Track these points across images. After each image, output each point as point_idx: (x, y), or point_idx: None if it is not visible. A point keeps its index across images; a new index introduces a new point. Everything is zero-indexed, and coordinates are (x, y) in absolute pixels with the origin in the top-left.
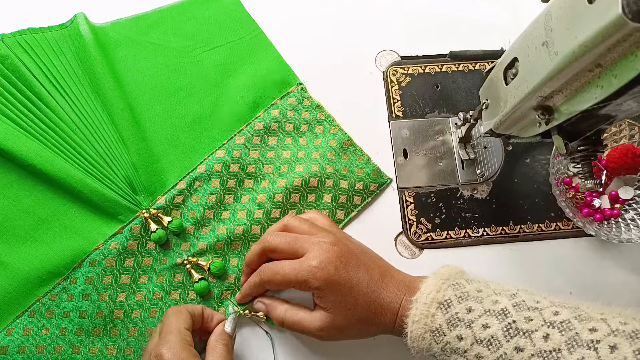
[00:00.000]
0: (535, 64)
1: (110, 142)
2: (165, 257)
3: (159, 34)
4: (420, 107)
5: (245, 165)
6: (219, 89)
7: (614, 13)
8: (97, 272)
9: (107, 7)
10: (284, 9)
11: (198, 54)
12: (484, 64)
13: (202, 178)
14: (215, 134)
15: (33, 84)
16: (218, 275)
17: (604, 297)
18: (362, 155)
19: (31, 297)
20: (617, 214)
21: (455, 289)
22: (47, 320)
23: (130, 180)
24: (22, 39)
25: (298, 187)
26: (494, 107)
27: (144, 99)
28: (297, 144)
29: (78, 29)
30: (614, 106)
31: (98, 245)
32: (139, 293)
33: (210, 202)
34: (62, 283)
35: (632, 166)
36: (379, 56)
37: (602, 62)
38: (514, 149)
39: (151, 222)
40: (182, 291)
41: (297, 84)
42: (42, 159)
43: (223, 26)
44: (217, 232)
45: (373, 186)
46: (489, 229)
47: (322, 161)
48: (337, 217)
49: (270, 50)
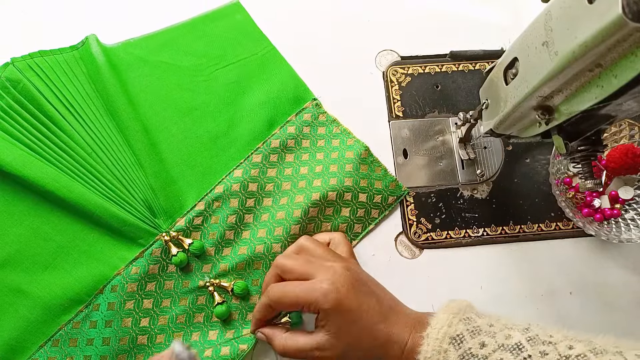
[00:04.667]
0: (535, 64)
1: (127, 165)
2: (187, 279)
3: (171, 52)
4: (420, 107)
5: (264, 184)
6: (233, 107)
7: (614, 13)
8: (119, 297)
9: (117, 28)
10: (283, 9)
11: (211, 72)
12: (484, 64)
13: (220, 198)
14: (232, 152)
15: (46, 107)
16: (242, 296)
17: (604, 297)
18: (380, 167)
19: (54, 325)
20: (617, 214)
21: (467, 324)
22: (71, 349)
23: (149, 203)
24: (33, 62)
25: (316, 202)
26: (494, 107)
27: (158, 120)
28: (314, 159)
29: (90, 50)
30: (614, 106)
31: (119, 271)
32: (162, 317)
33: (230, 223)
34: (85, 310)
35: (632, 166)
36: (379, 56)
37: (602, 62)
38: (514, 149)
39: (172, 245)
40: (206, 314)
41: (312, 100)
42: (59, 184)
43: (235, 43)
44: (238, 252)
45: (391, 199)
46: (489, 229)
47: (340, 174)
48: (354, 231)
49: (283, 66)
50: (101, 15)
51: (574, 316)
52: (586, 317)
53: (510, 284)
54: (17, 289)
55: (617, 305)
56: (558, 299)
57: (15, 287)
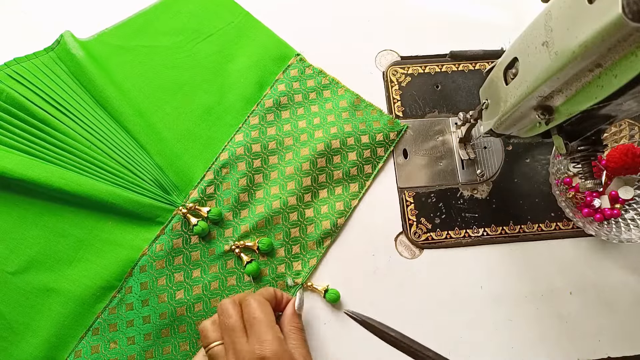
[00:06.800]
0: (535, 64)
1: (129, 149)
2: (211, 247)
3: (148, 36)
4: (420, 107)
5: (266, 143)
6: (220, 76)
7: (614, 13)
8: (150, 276)
9: (88, 21)
10: (284, 9)
11: (192, 46)
12: (484, 64)
13: (227, 164)
14: (228, 120)
15: (35, 111)
16: (268, 252)
17: (603, 297)
18: (374, 109)
19: (90, 315)
20: (617, 214)
21: None
22: (113, 334)
23: (159, 182)
24: (11, 70)
25: (322, 152)
26: (494, 107)
27: (150, 102)
28: (309, 112)
29: (67, 48)
30: (614, 106)
31: (144, 251)
32: (195, 287)
33: (241, 186)
34: (118, 295)
35: (632, 166)
36: (379, 56)
37: (602, 62)
38: (514, 149)
39: (190, 216)
40: (238, 275)
41: (295, 55)
42: (66, 180)
43: (210, 15)
44: (255, 212)
45: (392, 135)
46: (489, 229)
47: (339, 122)
48: (365, 172)
49: (261, 29)
50: (70, 12)
51: (574, 316)
52: (586, 317)
53: (510, 284)
54: (46, 288)
55: (617, 305)
56: (558, 299)
57: (44, 286)
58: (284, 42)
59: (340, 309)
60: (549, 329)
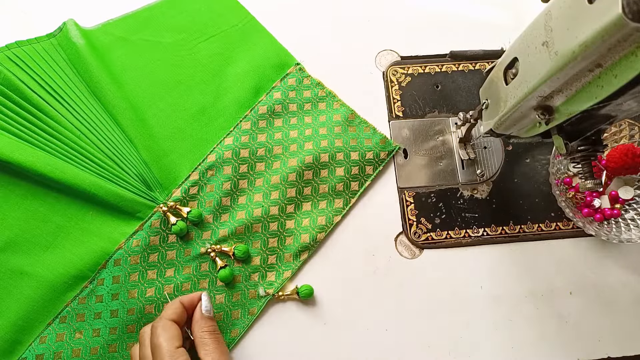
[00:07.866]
0: (535, 64)
1: (117, 142)
2: (188, 248)
3: (151, 30)
4: (420, 107)
5: (255, 149)
6: (218, 78)
7: (614, 13)
8: (123, 270)
9: (96, 11)
10: (284, 9)
11: (193, 45)
12: (484, 64)
13: (214, 167)
14: (221, 122)
15: (30, 96)
16: (243, 259)
17: (603, 297)
18: (368, 127)
19: (59, 303)
20: (617, 214)
21: None
22: (79, 323)
23: (143, 178)
24: (11, 53)
25: (310, 165)
26: (494, 107)
27: (145, 96)
28: (302, 123)
29: (68, 35)
30: (614, 106)
31: (120, 245)
32: (167, 286)
33: (225, 190)
34: (89, 286)
35: (632, 166)
36: (379, 56)
37: (602, 62)
38: (514, 149)
39: (170, 215)
40: (210, 279)
41: (295, 64)
42: (51, 167)
43: (214, 16)
44: (236, 217)
45: (383, 154)
46: (489, 229)
47: (330, 136)
48: (352, 189)
49: (264, 35)
50: (73, 7)
51: (574, 316)
52: (586, 317)
53: (510, 284)
54: (20, 271)
55: (617, 305)
56: (558, 299)
57: (18, 269)
58: (285, 50)
59: (339, 308)
60: (549, 329)
